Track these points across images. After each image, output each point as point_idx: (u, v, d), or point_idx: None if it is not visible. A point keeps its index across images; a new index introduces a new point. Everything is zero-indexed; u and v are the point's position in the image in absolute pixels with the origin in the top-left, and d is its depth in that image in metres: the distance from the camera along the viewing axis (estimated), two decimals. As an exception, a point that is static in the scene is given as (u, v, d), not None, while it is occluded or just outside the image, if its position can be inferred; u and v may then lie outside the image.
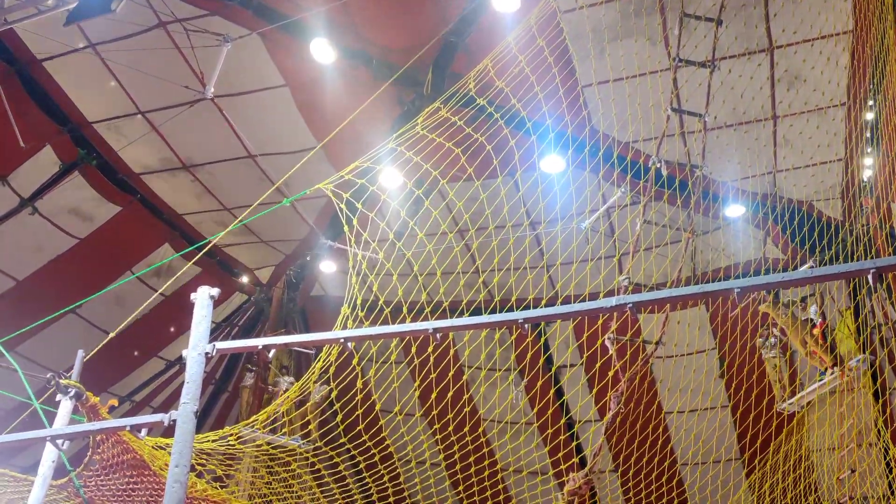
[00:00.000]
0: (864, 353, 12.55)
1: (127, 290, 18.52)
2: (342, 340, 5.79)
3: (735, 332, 12.89)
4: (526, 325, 5.63)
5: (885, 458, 13.17)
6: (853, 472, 12.23)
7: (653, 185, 11.10)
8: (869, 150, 13.44)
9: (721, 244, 16.53)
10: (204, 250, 11.97)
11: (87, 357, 9.03)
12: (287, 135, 16.61)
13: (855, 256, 12.13)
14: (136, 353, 20.55)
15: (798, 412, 13.14)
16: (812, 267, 11.76)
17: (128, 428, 5.79)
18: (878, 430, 13.00)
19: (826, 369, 12.63)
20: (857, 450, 12.33)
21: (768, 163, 14.95)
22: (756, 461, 13.32)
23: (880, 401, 12.47)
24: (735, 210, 15.80)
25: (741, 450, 14.50)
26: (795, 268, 13.75)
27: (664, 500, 13.03)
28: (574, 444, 18.57)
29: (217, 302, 5.79)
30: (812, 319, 13.68)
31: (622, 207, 14.82)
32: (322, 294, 21.88)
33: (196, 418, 5.35)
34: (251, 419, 10.48)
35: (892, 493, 13.00)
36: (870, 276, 4.49)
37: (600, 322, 11.29)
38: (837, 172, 14.76)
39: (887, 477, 13.29)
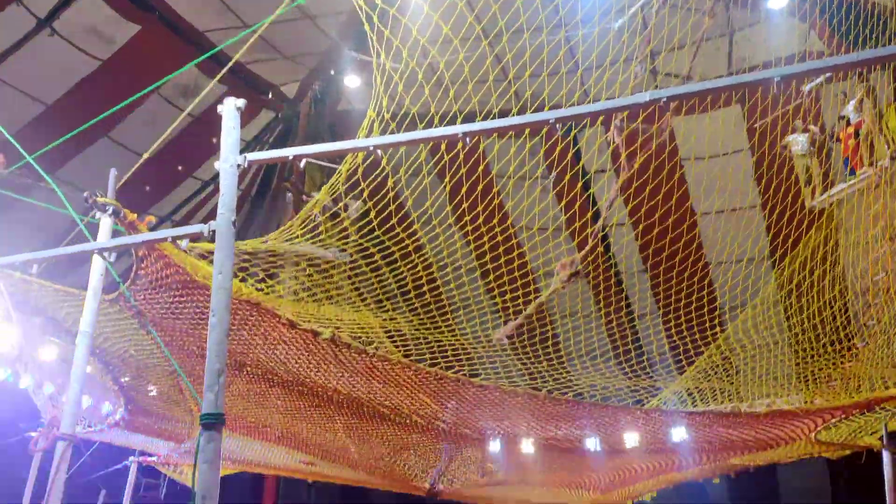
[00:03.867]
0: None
1: (156, 112, 18.51)
2: (371, 147, 5.78)
3: (771, 130, 12.62)
4: (557, 126, 5.54)
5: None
6: (886, 273, 12.31)
7: None
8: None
9: (761, 38, 15.80)
10: (228, 66, 11.80)
11: (124, 178, 9.19)
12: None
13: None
14: (170, 175, 20.86)
15: (828, 209, 13.09)
16: None
17: (169, 239, 5.98)
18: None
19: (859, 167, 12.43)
20: (890, 246, 12.36)
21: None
22: (786, 259, 13.48)
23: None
24: (777, 1, 14.94)
25: (772, 249, 14.62)
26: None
27: (693, 297, 13.39)
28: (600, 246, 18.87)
29: (245, 120, 5.78)
30: (848, 116, 13.28)
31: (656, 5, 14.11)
32: (349, 108, 21.70)
33: (234, 228, 5.48)
34: (287, 224, 10.73)
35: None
36: (919, 58, 4.30)
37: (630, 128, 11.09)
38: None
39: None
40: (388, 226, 10.73)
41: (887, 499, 12.01)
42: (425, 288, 11.48)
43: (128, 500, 16.39)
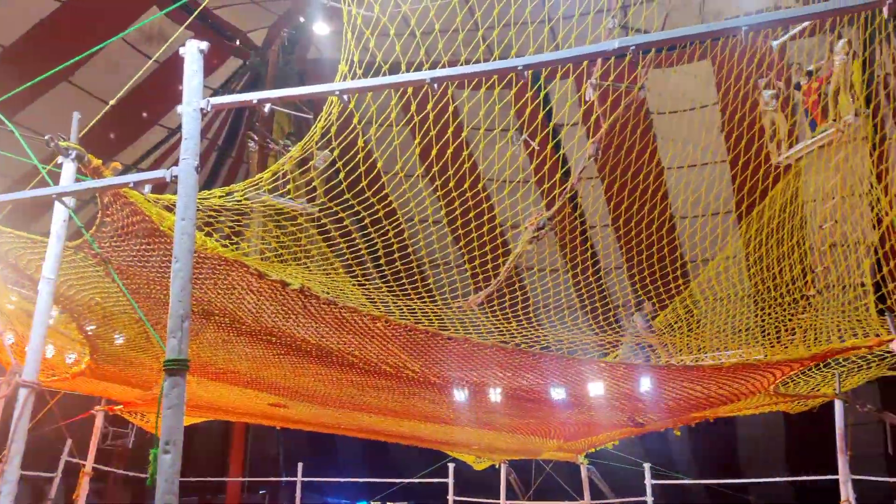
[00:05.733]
0: (865, 106, 12.33)
1: (120, 58, 18.06)
2: (337, 93, 5.70)
3: (739, 85, 12.65)
4: (526, 73, 5.51)
5: (872, 210, 13.40)
6: (836, 222, 12.54)
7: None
8: None
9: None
10: (196, 13, 11.51)
11: (89, 126, 8.97)
12: None
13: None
14: (135, 123, 20.43)
15: (794, 165, 13.22)
16: None
17: (131, 184, 5.88)
18: (871, 182, 13.12)
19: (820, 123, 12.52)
20: (846, 200, 12.56)
21: None
22: (752, 213, 13.65)
23: (876, 152, 12.46)
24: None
25: (737, 203, 14.81)
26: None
27: (655, 249, 13.53)
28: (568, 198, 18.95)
29: (212, 66, 5.69)
30: (811, 71, 13.30)
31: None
32: (318, 56, 21.36)
33: (197, 173, 5.41)
34: (256, 177, 10.60)
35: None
36: (885, 9, 4.33)
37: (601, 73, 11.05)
38: None
39: (875, 227, 13.62)
40: (355, 175, 10.65)
41: (837, 445, 12.43)
42: (393, 243, 11.44)
43: (94, 448, 16.39)
